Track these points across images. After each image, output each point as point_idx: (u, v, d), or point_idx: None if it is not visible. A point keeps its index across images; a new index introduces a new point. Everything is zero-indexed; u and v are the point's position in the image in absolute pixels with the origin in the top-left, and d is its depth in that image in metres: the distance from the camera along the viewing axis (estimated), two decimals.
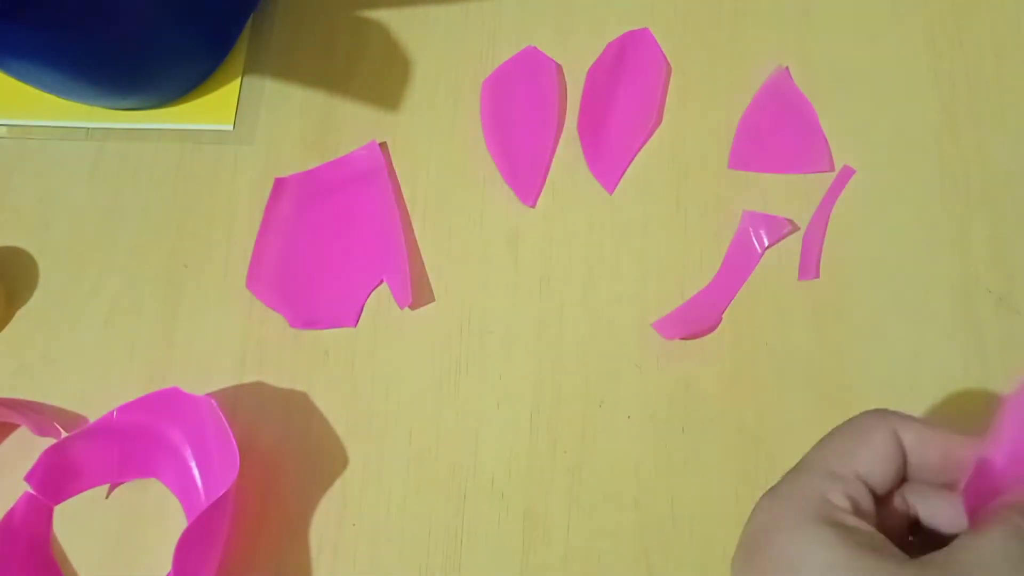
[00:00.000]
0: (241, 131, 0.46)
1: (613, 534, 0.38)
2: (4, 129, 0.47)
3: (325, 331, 0.42)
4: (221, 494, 0.34)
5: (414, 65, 0.47)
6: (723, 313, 0.41)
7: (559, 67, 0.46)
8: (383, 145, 0.45)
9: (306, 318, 0.42)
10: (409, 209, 0.44)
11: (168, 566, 0.33)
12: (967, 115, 0.43)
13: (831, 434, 0.26)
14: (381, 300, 0.42)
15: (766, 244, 0.41)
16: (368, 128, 0.46)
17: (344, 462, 0.40)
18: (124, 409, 0.38)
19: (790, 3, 0.46)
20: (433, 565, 0.38)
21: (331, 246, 0.44)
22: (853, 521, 0.23)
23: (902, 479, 0.26)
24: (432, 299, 0.42)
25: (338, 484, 0.39)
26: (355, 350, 0.42)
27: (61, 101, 0.46)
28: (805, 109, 0.44)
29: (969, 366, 0.39)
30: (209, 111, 0.47)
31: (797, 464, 0.26)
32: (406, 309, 0.42)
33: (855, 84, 0.44)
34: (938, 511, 0.26)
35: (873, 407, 0.40)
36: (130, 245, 0.44)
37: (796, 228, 0.42)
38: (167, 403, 0.38)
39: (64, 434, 0.39)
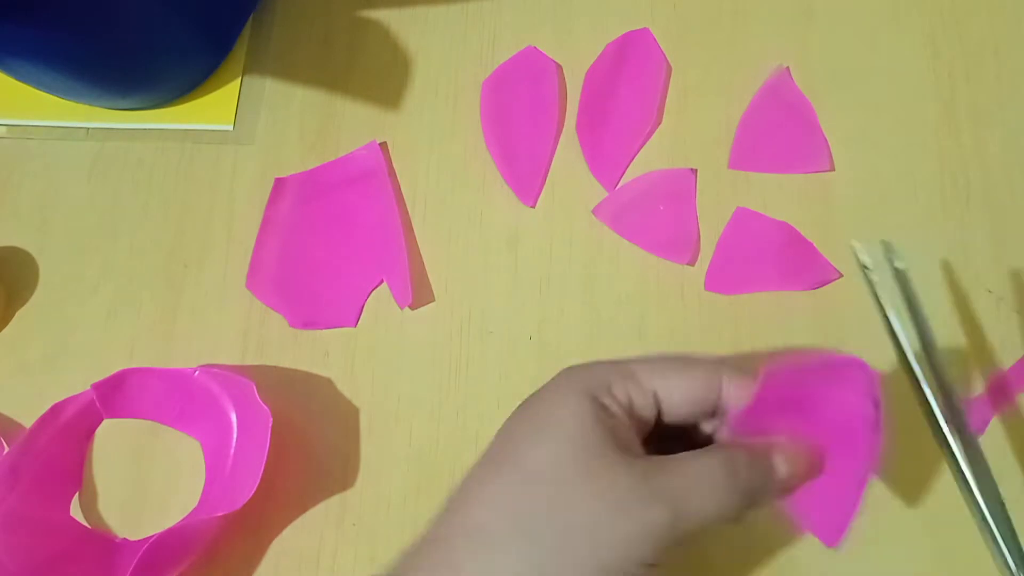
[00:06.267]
0: (241, 131, 0.46)
1: None
2: (4, 129, 0.47)
3: (325, 331, 0.42)
4: (219, 515, 0.35)
5: (414, 65, 0.47)
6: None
7: (559, 67, 0.46)
8: (383, 145, 0.45)
9: (306, 318, 0.42)
10: (409, 209, 0.44)
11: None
12: (967, 115, 0.43)
13: (664, 357, 0.28)
14: (381, 300, 0.42)
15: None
16: (368, 128, 0.46)
17: (344, 462, 0.40)
18: (204, 371, 0.38)
19: (790, 3, 0.46)
20: None
21: (331, 246, 0.43)
22: (617, 411, 0.25)
23: (708, 415, 0.28)
24: (432, 299, 0.42)
25: (338, 484, 0.39)
26: (355, 350, 0.42)
27: (61, 101, 0.46)
28: (805, 109, 0.44)
29: (969, 366, 0.39)
30: (209, 111, 0.47)
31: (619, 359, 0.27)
32: (406, 309, 0.42)
33: (855, 84, 0.44)
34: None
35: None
36: (130, 245, 0.44)
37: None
38: (240, 389, 0.38)
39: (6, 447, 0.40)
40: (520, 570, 0.23)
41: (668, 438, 0.28)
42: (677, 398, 0.27)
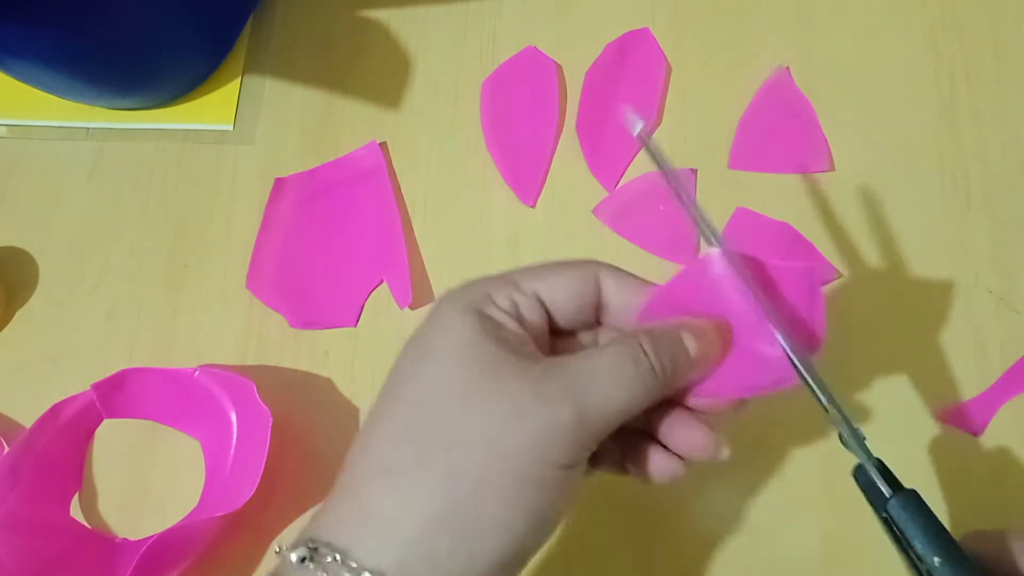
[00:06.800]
0: (241, 131, 0.46)
1: (613, 534, 0.38)
2: (4, 129, 0.47)
3: (325, 331, 0.42)
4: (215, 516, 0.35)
5: (414, 65, 0.47)
6: None
7: (559, 67, 0.46)
8: (383, 145, 0.45)
9: (306, 318, 0.42)
10: (409, 209, 0.44)
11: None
12: (967, 115, 0.43)
13: (543, 263, 0.27)
14: (381, 300, 0.42)
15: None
16: (368, 128, 0.46)
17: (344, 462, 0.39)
18: (204, 371, 0.39)
19: (790, 3, 0.46)
20: None
21: (331, 246, 0.43)
22: (503, 318, 0.25)
23: (596, 321, 0.27)
24: (432, 299, 0.42)
25: None
26: (355, 350, 0.42)
27: (61, 101, 0.46)
28: (805, 109, 0.44)
29: (969, 366, 0.39)
30: (209, 111, 0.47)
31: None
32: (406, 309, 0.42)
33: (855, 84, 0.44)
34: None
35: (875, 407, 0.40)
36: (130, 245, 0.44)
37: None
38: (240, 389, 0.38)
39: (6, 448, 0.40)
40: (435, 497, 0.22)
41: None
42: (560, 297, 0.26)
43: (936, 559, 0.24)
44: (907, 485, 0.27)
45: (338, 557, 0.22)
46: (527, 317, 0.26)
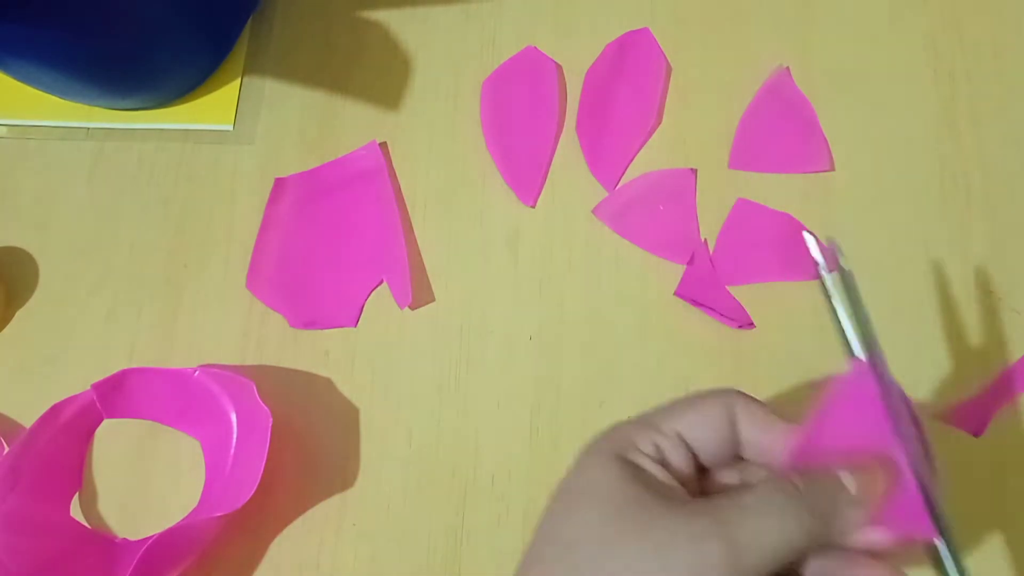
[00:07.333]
0: (241, 131, 0.46)
1: None
2: (4, 129, 0.47)
3: (325, 331, 0.42)
4: (218, 515, 0.35)
5: (414, 65, 0.47)
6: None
7: (559, 67, 0.46)
8: (383, 145, 0.45)
9: (306, 318, 0.42)
10: (409, 209, 0.44)
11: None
12: (967, 115, 0.43)
13: (677, 400, 0.27)
14: (381, 300, 0.42)
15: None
16: (368, 128, 0.46)
17: (344, 462, 0.40)
18: (204, 371, 0.39)
19: (790, 3, 0.46)
20: (433, 565, 0.38)
21: (331, 246, 0.44)
22: (649, 465, 0.25)
23: (736, 456, 0.26)
24: (432, 299, 0.42)
25: (338, 484, 0.39)
26: (355, 350, 0.42)
27: (61, 101, 0.46)
28: (805, 109, 0.44)
29: (969, 366, 0.39)
30: (209, 111, 0.47)
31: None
32: (406, 309, 0.42)
33: (855, 84, 0.44)
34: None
35: None
36: (130, 245, 0.44)
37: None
38: (240, 389, 0.38)
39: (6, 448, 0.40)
40: None
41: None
42: (701, 434, 0.26)
43: None
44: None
45: None
46: (672, 461, 0.25)
